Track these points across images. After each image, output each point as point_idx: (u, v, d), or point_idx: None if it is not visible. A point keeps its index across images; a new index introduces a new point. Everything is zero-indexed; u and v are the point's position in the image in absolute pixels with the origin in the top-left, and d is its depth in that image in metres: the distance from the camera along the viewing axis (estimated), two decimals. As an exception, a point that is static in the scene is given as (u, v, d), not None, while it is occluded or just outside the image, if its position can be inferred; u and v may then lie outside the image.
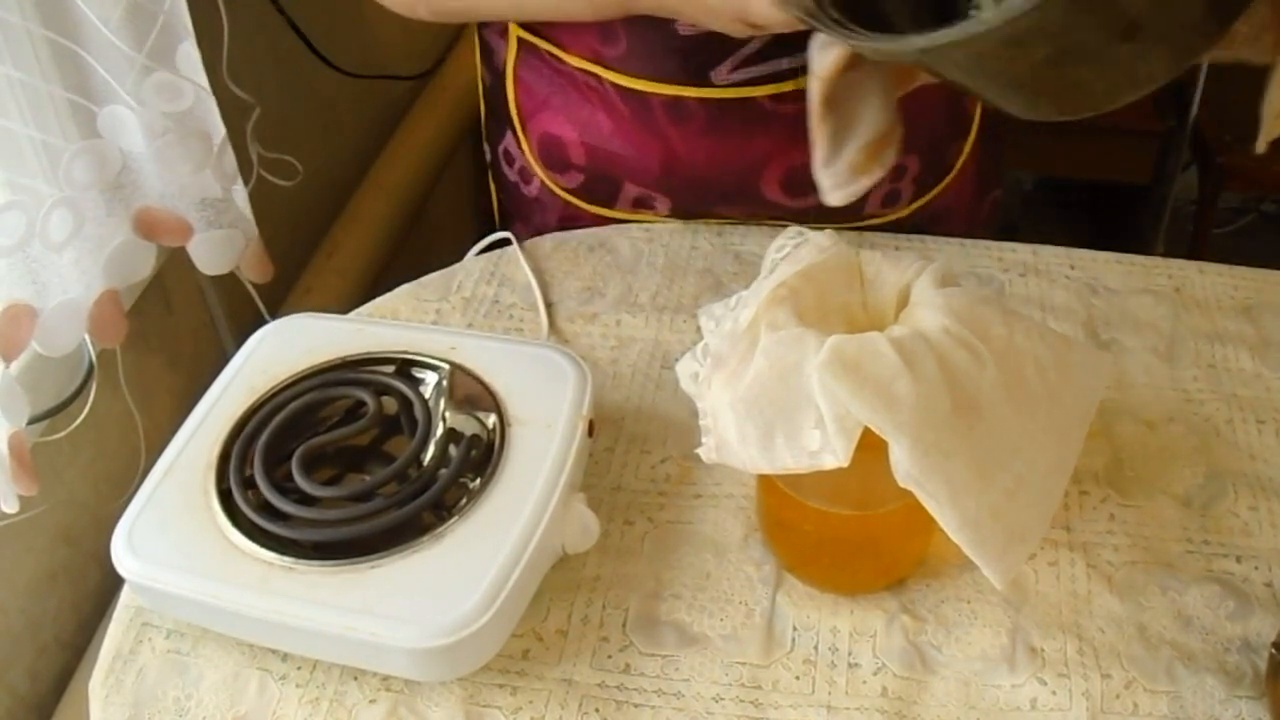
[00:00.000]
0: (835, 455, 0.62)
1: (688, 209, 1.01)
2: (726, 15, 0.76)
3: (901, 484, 0.62)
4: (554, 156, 1.02)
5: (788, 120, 0.93)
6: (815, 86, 0.75)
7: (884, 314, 0.70)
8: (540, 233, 1.06)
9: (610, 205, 1.03)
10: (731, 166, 0.96)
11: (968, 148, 1.03)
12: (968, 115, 1.03)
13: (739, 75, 0.91)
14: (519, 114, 1.03)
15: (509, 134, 1.06)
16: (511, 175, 1.09)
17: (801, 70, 0.89)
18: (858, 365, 0.61)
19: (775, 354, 0.64)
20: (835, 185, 0.77)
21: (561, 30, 0.95)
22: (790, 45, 0.88)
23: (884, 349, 0.62)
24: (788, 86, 0.91)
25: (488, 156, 1.13)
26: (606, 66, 0.94)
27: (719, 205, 1.01)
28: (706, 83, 0.92)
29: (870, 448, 0.62)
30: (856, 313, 0.70)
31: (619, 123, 0.97)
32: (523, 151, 1.05)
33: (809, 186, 0.96)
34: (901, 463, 0.61)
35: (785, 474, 0.65)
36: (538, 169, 1.04)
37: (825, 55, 0.73)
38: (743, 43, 0.88)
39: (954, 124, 1.02)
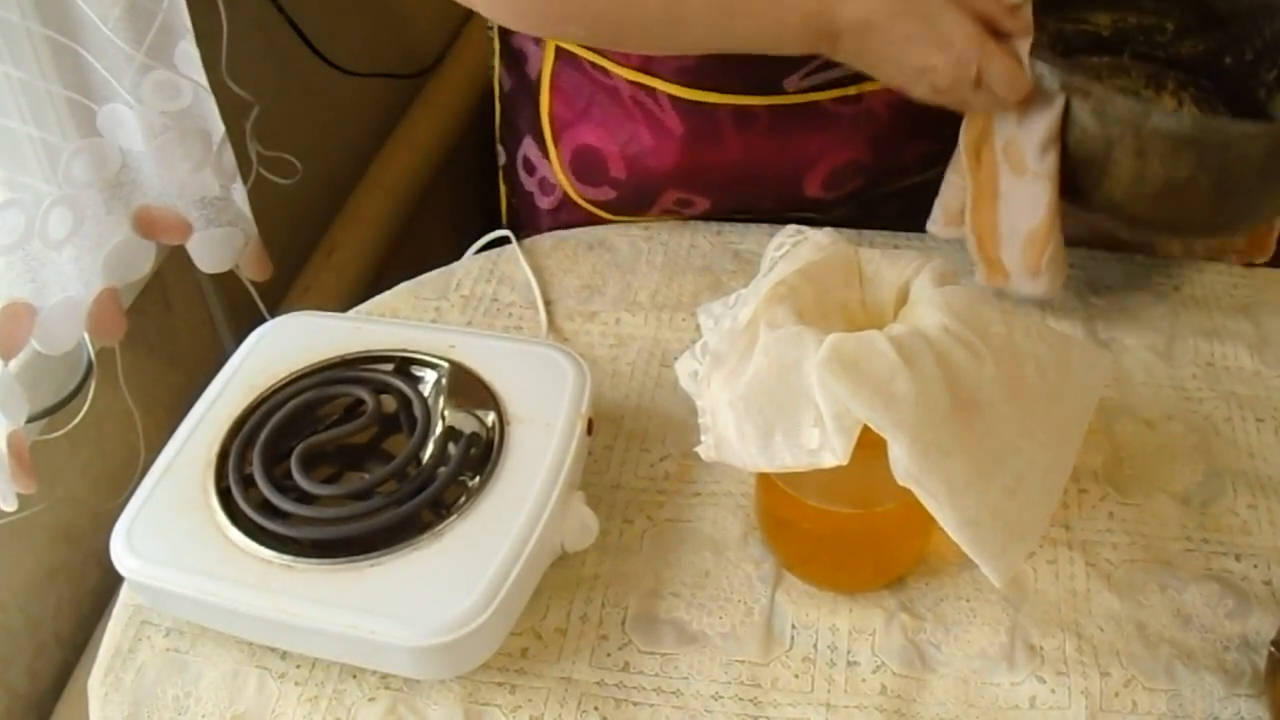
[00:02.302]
0: (834, 453, 0.62)
1: (725, 207, 1.01)
2: (948, 78, 0.76)
3: (900, 482, 0.62)
4: (589, 170, 1.01)
5: (845, 120, 0.93)
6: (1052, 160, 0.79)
7: (883, 312, 0.70)
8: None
9: (644, 213, 1.02)
10: (783, 165, 0.96)
11: None
12: None
13: (809, 81, 0.90)
14: (552, 125, 1.01)
15: (530, 142, 1.04)
16: (528, 184, 1.07)
17: (866, 76, 0.90)
18: (856, 363, 0.61)
19: (774, 352, 0.64)
20: (1052, 280, 0.83)
21: None
22: None
23: (883, 347, 0.62)
24: (852, 90, 0.91)
25: (501, 159, 1.12)
26: (665, 79, 0.93)
27: (758, 201, 1.00)
28: (778, 91, 0.91)
29: (869, 446, 0.62)
30: (855, 311, 0.70)
31: (663, 137, 0.95)
32: (548, 161, 1.03)
33: (846, 179, 0.96)
34: (900, 461, 0.61)
35: (784, 472, 0.65)
36: (565, 181, 1.03)
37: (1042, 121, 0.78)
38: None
39: None
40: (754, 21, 0.80)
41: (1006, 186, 0.83)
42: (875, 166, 0.97)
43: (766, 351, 0.64)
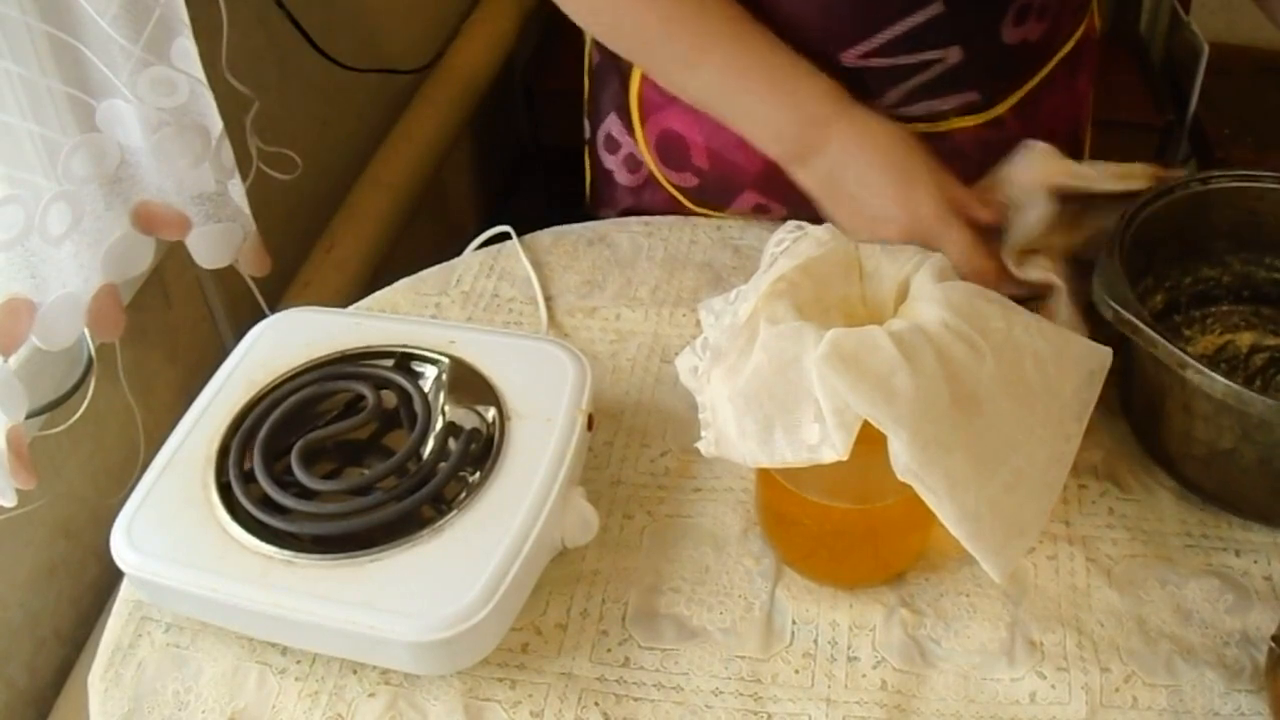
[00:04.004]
0: (834, 449, 0.62)
1: (804, 218, 1.00)
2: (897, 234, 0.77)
3: (900, 478, 0.62)
4: (672, 154, 1.00)
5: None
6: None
7: (883, 308, 0.70)
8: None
9: (723, 208, 1.02)
10: None
11: None
12: (1082, 144, 1.01)
13: (892, 113, 0.87)
14: (640, 106, 1.00)
15: (614, 119, 1.03)
16: (609, 162, 1.07)
17: (952, 113, 0.89)
18: (856, 358, 0.61)
19: (774, 348, 0.64)
20: None
21: None
22: (945, 89, 0.87)
23: (882, 342, 0.62)
24: (940, 127, 0.91)
25: (586, 134, 1.11)
26: None
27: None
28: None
29: (869, 441, 0.62)
30: (856, 306, 0.70)
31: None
32: (635, 141, 1.03)
33: None
34: (900, 456, 0.61)
35: (784, 468, 0.65)
36: (650, 160, 1.02)
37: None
38: (902, 80, 0.87)
39: (1070, 154, 0.97)
40: (753, 103, 0.82)
41: None
42: None
43: (766, 347, 0.64)
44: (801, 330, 0.63)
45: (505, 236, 1.01)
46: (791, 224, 0.73)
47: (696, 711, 0.69)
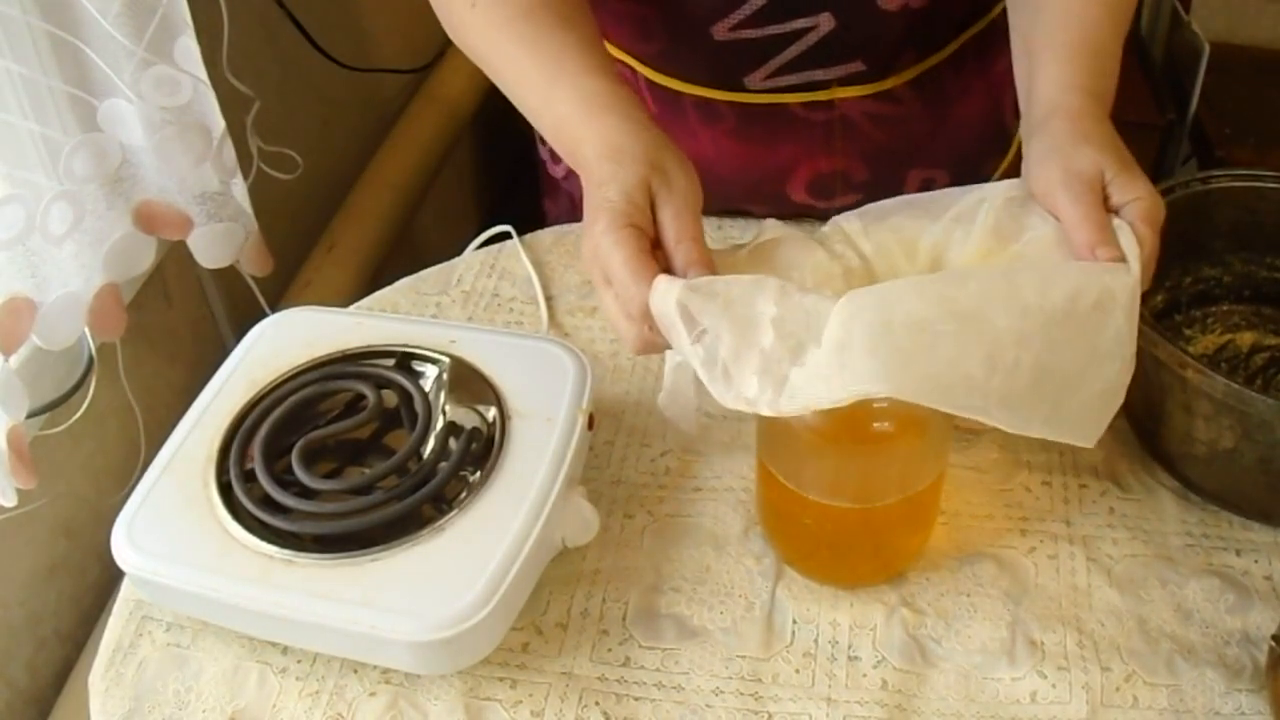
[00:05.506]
0: (771, 408, 0.58)
1: (714, 206, 1.00)
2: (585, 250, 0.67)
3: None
4: None
5: (816, 127, 0.92)
6: None
7: (888, 264, 0.67)
8: (564, 211, 1.05)
9: None
10: (759, 168, 0.95)
11: (1004, 166, 1.00)
12: (1008, 134, 1.00)
13: (772, 83, 0.89)
14: None
15: None
16: (542, 152, 1.08)
17: (835, 82, 0.89)
18: (913, 355, 0.58)
19: (730, 295, 0.60)
20: None
21: (601, 18, 0.93)
22: (825, 58, 0.87)
23: (940, 327, 0.58)
24: (820, 96, 0.91)
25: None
26: (642, 62, 0.93)
27: (746, 204, 1.00)
28: (739, 88, 0.91)
29: (870, 441, 0.61)
30: (825, 265, 0.66)
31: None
32: None
33: (835, 190, 0.95)
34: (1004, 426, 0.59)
35: (785, 467, 0.65)
36: None
37: None
38: (778, 51, 0.87)
39: (992, 141, 0.98)
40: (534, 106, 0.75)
41: None
42: (872, 184, 0.96)
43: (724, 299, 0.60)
44: (760, 281, 0.60)
45: (505, 236, 1.01)
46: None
47: (697, 711, 0.69)
